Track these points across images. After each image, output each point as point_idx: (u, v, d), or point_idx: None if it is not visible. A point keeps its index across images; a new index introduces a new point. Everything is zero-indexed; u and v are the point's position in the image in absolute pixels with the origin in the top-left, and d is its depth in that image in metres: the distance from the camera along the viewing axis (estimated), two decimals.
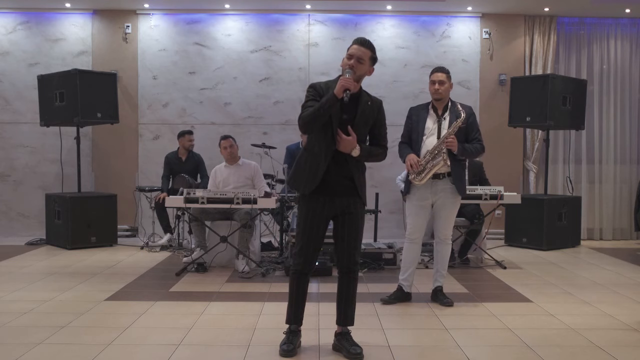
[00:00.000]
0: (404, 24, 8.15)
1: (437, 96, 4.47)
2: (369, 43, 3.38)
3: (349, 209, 3.39)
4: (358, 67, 3.32)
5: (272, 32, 8.13)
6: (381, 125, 3.49)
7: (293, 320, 3.47)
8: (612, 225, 8.28)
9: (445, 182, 4.44)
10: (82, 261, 6.28)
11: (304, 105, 3.34)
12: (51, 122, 7.30)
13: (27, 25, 8.09)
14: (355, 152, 3.33)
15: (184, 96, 8.12)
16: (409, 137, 4.56)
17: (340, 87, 3.20)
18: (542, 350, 3.50)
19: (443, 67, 4.57)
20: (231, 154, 6.23)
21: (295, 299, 3.45)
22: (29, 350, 3.45)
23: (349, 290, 3.46)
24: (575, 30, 8.27)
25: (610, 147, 8.24)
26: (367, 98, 3.42)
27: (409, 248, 4.58)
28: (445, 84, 4.46)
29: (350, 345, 3.40)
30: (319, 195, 3.34)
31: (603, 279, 5.56)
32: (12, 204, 8.11)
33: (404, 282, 4.62)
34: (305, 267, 3.40)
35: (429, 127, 4.47)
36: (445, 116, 4.47)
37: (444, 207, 4.49)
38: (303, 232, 3.38)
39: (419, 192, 4.47)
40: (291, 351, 3.37)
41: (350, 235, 3.40)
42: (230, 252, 5.84)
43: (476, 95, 8.17)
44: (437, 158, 4.35)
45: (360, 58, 3.32)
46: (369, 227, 7.05)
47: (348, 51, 3.37)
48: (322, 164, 3.30)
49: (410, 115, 4.62)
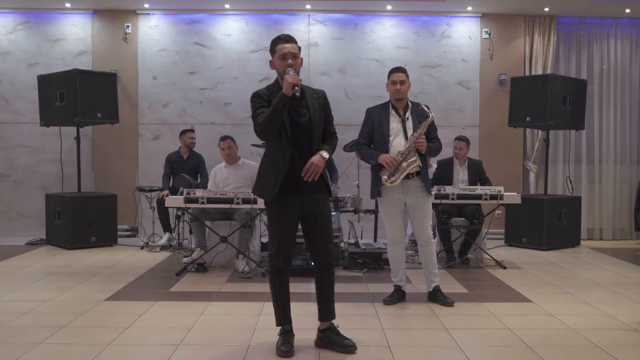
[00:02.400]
0: (404, 24, 8.15)
1: (398, 96, 4.46)
2: (292, 37, 3.43)
3: (319, 205, 3.44)
4: (295, 63, 3.36)
5: (272, 32, 8.10)
6: (330, 115, 3.56)
7: (284, 321, 3.50)
8: (612, 225, 8.28)
9: (415, 181, 4.44)
10: (82, 261, 6.28)
11: (254, 115, 3.37)
12: (51, 122, 7.30)
13: (27, 25, 8.09)
14: (324, 157, 3.38)
15: (184, 96, 8.12)
16: (370, 138, 4.54)
17: (288, 84, 3.25)
18: (542, 350, 3.50)
19: (402, 67, 4.58)
20: (229, 155, 6.23)
21: (280, 298, 3.48)
22: (29, 350, 3.45)
23: (329, 285, 3.52)
24: (575, 30, 8.27)
25: (610, 147, 8.24)
26: (311, 91, 3.49)
27: (394, 250, 4.62)
28: (406, 83, 4.48)
29: (342, 339, 3.48)
30: (288, 195, 3.37)
31: (603, 279, 5.56)
32: (12, 204, 8.11)
33: (400, 282, 4.65)
34: (284, 265, 3.44)
35: (394, 127, 4.45)
36: (407, 116, 4.46)
37: (418, 206, 4.48)
38: (278, 232, 3.41)
39: (390, 194, 4.46)
40: (289, 351, 3.39)
41: (323, 230, 3.46)
42: (230, 252, 5.84)
43: (476, 95, 8.17)
44: (409, 158, 4.34)
45: (294, 54, 3.37)
46: (369, 227, 7.07)
47: (277, 53, 3.38)
48: (282, 168, 3.35)
49: (369, 115, 4.58)
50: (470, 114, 8.16)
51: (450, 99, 8.15)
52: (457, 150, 6.49)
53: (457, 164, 6.51)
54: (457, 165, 6.51)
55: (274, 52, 3.41)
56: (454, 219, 6.19)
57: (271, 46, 3.44)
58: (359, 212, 6.26)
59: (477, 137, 8.10)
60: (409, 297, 4.70)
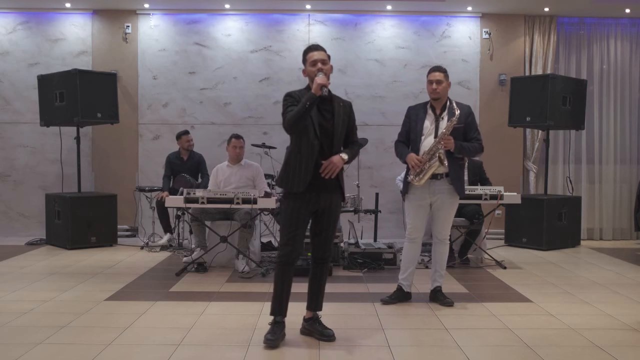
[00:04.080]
0: (404, 24, 8.15)
1: (435, 96, 4.46)
2: (321, 46, 3.71)
3: (331, 205, 3.68)
4: (325, 68, 3.62)
5: (272, 32, 8.13)
6: (354, 124, 3.84)
7: (278, 312, 3.65)
8: (612, 225, 8.28)
9: (443, 182, 4.44)
10: (82, 261, 6.28)
11: (284, 112, 3.62)
12: (51, 122, 7.30)
13: (27, 25, 8.09)
14: (344, 158, 3.62)
15: (184, 96, 8.13)
16: (407, 136, 4.56)
17: (317, 85, 3.50)
18: (542, 350, 3.50)
19: (440, 67, 4.56)
20: (238, 155, 6.22)
21: (281, 290, 3.64)
22: (29, 350, 3.45)
23: (322, 278, 3.79)
24: (575, 30, 8.27)
25: (610, 147, 8.24)
26: (339, 100, 3.73)
27: (409, 247, 4.59)
28: (443, 83, 4.45)
29: (323, 328, 3.72)
30: (305, 192, 3.58)
31: (603, 279, 5.56)
32: (12, 204, 8.11)
33: (404, 282, 4.63)
34: (293, 257, 3.62)
35: (427, 127, 4.46)
36: (443, 116, 4.46)
37: (442, 207, 4.50)
38: (290, 225, 3.60)
39: (417, 192, 4.47)
40: (275, 340, 3.56)
41: (329, 229, 3.71)
42: (230, 252, 5.84)
43: (476, 95, 8.17)
44: (433, 159, 4.35)
45: (324, 60, 3.63)
46: (369, 227, 7.07)
47: (308, 61, 3.65)
48: (310, 164, 3.58)
49: (408, 114, 4.61)
50: None
51: None
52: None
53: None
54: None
55: (305, 61, 3.68)
56: (454, 219, 6.17)
57: (303, 56, 3.72)
58: (359, 212, 6.26)
59: None
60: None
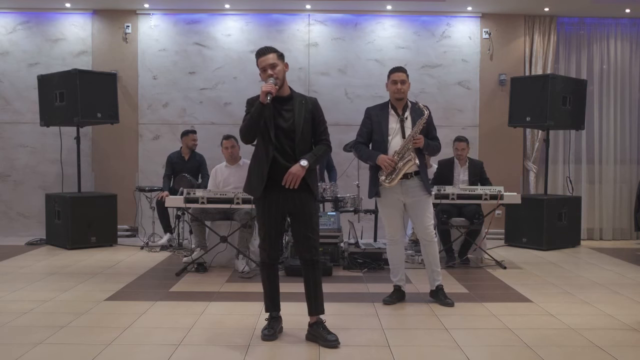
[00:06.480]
0: (404, 24, 8.15)
1: (399, 95, 4.46)
2: (269, 48, 3.68)
3: (301, 203, 3.63)
4: (276, 72, 3.58)
5: (272, 32, 8.13)
6: (320, 121, 3.71)
7: (271, 308, 3.78)
8: (612, 225, 8.28)
9: (414, 180, 4.43)
10: (82, 261, 6.28)
11: (243, 119, 3.65)
12: (51, 122, 7.30)
13: (27, 25, 8.09)
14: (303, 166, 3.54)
15: (184, 96, 8.13)
16: (369, 137, 4.55)
17: (262, 93, 3.49)
18: (542, 350, 3.50)
19: (402, 67, 4.58)
20: (232, 155, 6.22)
21: (269, 288, 3.77)
22: (29, 350, 3.45)
23: (316, 280, 3.69)
24: (575, 30, 8.27)
25: (610, 147, 8.24)
26: (300, 98, 3.69)
27: (393, 249, 4.62)
28: (406, 83, 4.48)
29: (326, 333, 3.61)
30: (272, 192, 3.60)
31: (603, 279, 5.56)
32: (12, 204, 8.11)
33: (399, 282, 4.65)
34: (271, 257, 3.71)
35: (393, 127, 4.45)
36: (406, 116, 4.46)
37: (417, 206, 4.47)
38: (262, 226, 3.68)
39: (389, 194, 4.46)
40: (272, 335, 3.67)
41: (307, 228, 3.64)
42: (230, 252, 5.84)
43: (476, 95, 8.17)
44: (405, 158, 4.34)
45: (272, 64, 3.59)
46: (369, 227, 7.07)
47: (259, 66, 3.64)
48: (265, 168, 3.57)
49: (369, 115, 4.58)
50: (470, 114, 8.16)
51: (450, 99, 8.15)
52: (459, 152, 6.47)
53: (457, 164, 6.51)
54: (457, 166, 6.50)
55: (258, 66, 3.65)
56: (454, 219, 6.19)
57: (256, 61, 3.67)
58: (359, 212, 6.26)
59: (477, 137, 8.10)
60: (408, 297, 4.70)
